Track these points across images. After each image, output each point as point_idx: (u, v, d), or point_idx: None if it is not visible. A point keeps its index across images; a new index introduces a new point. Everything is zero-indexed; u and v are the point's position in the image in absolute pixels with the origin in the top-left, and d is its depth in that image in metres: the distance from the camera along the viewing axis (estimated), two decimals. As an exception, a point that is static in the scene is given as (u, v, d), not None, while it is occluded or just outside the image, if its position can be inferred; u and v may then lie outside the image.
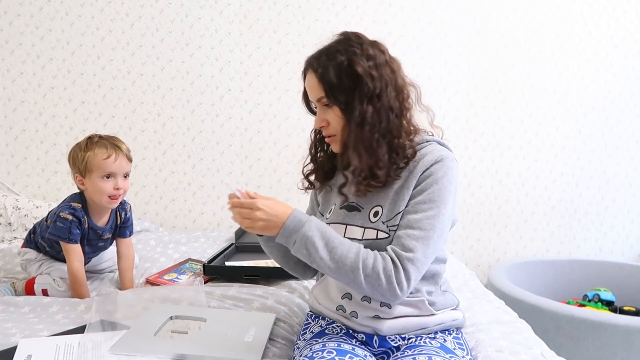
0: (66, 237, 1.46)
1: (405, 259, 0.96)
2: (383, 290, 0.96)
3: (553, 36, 2.56)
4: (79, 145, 1.50)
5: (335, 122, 1.05)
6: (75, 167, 1.49)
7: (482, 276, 2.61)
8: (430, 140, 1.09)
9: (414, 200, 1.02)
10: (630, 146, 2.63)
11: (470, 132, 2.61)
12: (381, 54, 1.04)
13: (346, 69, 1.01)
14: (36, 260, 1.60)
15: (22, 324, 1.23)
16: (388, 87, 1.02)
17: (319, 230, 0.99)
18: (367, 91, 1.00)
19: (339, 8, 2.54)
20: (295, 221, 0.99)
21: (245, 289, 1.46)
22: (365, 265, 0.96)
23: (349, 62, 1.01)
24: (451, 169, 1.02)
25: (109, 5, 2.52)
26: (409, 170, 1.04)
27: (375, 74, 1.01)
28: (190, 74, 2.56)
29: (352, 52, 1.02)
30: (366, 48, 1.03)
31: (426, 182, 1.01)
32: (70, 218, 1.46)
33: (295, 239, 0.98)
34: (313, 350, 0.99)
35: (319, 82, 1.03)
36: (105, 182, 1.46)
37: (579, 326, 1.85)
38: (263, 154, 2.62)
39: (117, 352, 1.04)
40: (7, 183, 2.57)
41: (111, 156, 1.45)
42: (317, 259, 0.98)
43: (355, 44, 1.03)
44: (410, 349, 1.00)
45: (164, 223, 2.62)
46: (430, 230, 0.98)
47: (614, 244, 2.68)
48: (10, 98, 2.55)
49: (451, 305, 1.12)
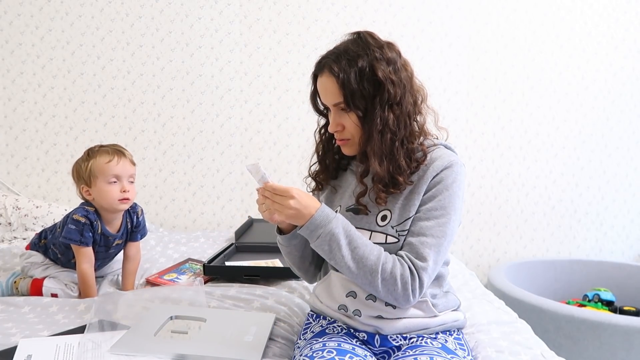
0: (78, 240, 1.45)
1: (420, 268, 0.98)
2: (397, 295, 0.99)
3: (553, 36, 2.56)
4: (80, 158, 1.49)
5: (351, 127, 1.04)
6: (80, 178, 1.47)
7: (482, 276, 2.61)
8: (438, 143, 1.10)
9: (425, 206, 1.02)
10: (630, 146, 2.63)
11: (470, 132, 2.61)
12: (397, 57, 1.04)
13: (368, 74, 1.00)
14: (42, 264, 1.57)
15: (22, 324, 1.23)
16: (406, 92, 1.02)
17: (344, 229, 1.00)
18: (387, 98, 1.00)
19: (339, 8, 2.54)
20: (323, 216, 0.99)
21: (245, 289, 1.46)
22: (384, 269, 0.98)
23: (371, 67, 0.99)
24: (460, 175, 1.04)
25: (109, 5, 2.52)
26: (418, 175, 1.04)
27: (396, 79, 1.00)
28: (190, 74, 2.56)
29: (373, 57, 1.00)
30: (386, 51, 1.02)
31: (437, 188, 1.02)
32: (83, 220, 1.45)
33: (320, 234, 0.99)
34: (313, 349, 0.99)
35: (339, 88, 1.01)
36: (111, 186, 1.45)
37: (579, 326, 1.85)
38: (263, 154, 2.62)
39: (117, 352, 1.04)
40: (7, 183, 2.57)
41: (114, 159, 1.45)
42: (339, 257, 0.99)
43: (375, 48, 1.01)
44: (412, 349, 1.00)
45: (164, 223, 2.62)
46: (441, 238, 1.00)
47: (614, 244, 2.68)
48: (10, 98, 2.55)
49: (453, 306, 1.12)
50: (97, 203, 1.48)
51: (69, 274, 1.55)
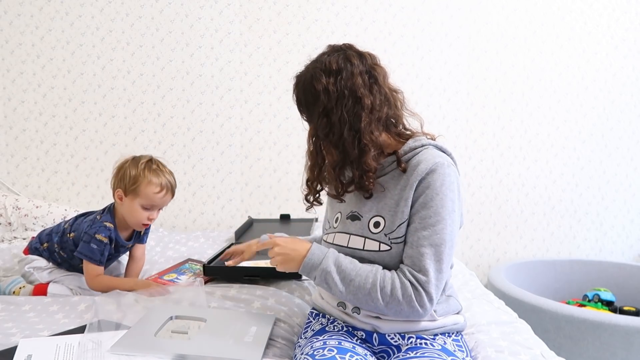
0: (97, 260, 1.44)
1: (425, 282, 0.97)
2: (406, 313, 0.99)
3: (553, 36, 2.56)
4: (135, 162, 1.46)
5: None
6: (122, 182, 1.45)
7: (482, 276, 2.61)
8: (427, 144, 1.08)
9: (419, 214, 1.01)
10: (630, 146, 2.63)
11: (470, 132, 2.61)
12: (349, 66, 1.03)
13: (307, 85, 1.05)
14: (45, 267, 1.56)
15: (22, 324, 1.23)
16: (346, 100, 1.02)
17: (336, 265, 1.03)
18: (322, 106, 1.03)
19: (339, 8, 2.54)
20: (313, 258, 1.04)
21: (246, 289, 1.46)
22: (384, 294, 0.98)
23: (311, 78, 1.05)
24: (448, 176, 1.01)
25: (109, 5, 2.52)
26: (405, 180, 1.03)
27: (332, 88, 1.02)
28: (190, 74, 2.56)
29: (317, 68, 1.04)
30: (330, 61, 1.04)
31: (426, 194, 1.00)
32: (105, 241, 1.44)
33: (316, 275, 1.04)
34: (314, 348, 0.99)
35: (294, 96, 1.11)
36: (143, 211, 1.45)
37: (579, 326, 1.85)
38: (263, 154, 2.62)
39: (117, 352, 1.04)
40: (7, 183, 2.57)
41: (162, 192, 1.45)
42: (337, 292, 1.03)
43: (325, 58, 1.05)
44: (412, 351, 1.00)
45: (164, 223, 2.61)
46: (441, 245, 0.99)
47: (614, 244, 2.68)
48: (10, 98, 2.55)
49: (454, 311, 1.11)
50: (122, 211, 1.48)
51: (74, 278, 1.55)
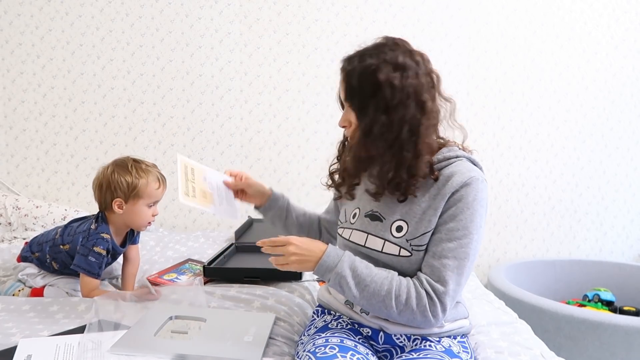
0: (96, 273, 1.43)
1: (442, 293, 0.96)
2: (418, 322, 0.99)
3: (553, 36, 2.56)
4: (121, 169, 1.44)
5: (354, 124, 1.05)
6: (118, 192, 1.42)
7: (482, 276, 2.61)
8: (461, 156, 1.06)
9: (447, 226, 0.99)
10: (630, 146, 2.63)
11: (470, 132, 2.57)
12: (415, 65, 1.01)
13: (370, 74, 0.99)
14: (38, 274, 1.57)
15: (22, 324, 1.23)
16: (409, 100, 0.98)
17: (351, 269, 1.00)
18: (384, 101, 0.98)
19: (339, 8, 2.54)
20: (329, 260, 1.01)
21: (246, 289, 1.46)
22: (399, 302, 0.97)
23: (375, 68, 0.98)
24: (481, 191, 1.01)
25: (109, 5, 2.52)
26: (437, 189, 1.01)
27: (398, 84, 0.98)
28: (190, 74, 2.56)
29: (381, 59, 0.99)
30: (399, 56, 1.00)
31: (457, 206, 0.99)
32: (104, 253, 1.43)
33: (330, 277, 1.01)
34: (316, 345, 0.99)
35: (342, 82, 1.04)
36: (148, 209, 1.47)
37: (579, 326, 1.85)
38: (263, 154, 2.61)
39: (117, 352, 1.04)
40: (7, 183, 2.57)
41: (161, 185, 1.48)
42: (350, 296, 1.01)
43: (388, 51, 1.00)
44: (415, 352, 1.00)
45: (164, 223, 2.61)
46: (464, 259, 0.98)
47: (614, 244, 2.68)
48: (10, 98, 2.55)
49: (461, 317, 1.10)
50: (123, 219, 1.47)
51: (68, 280, 1.54)
